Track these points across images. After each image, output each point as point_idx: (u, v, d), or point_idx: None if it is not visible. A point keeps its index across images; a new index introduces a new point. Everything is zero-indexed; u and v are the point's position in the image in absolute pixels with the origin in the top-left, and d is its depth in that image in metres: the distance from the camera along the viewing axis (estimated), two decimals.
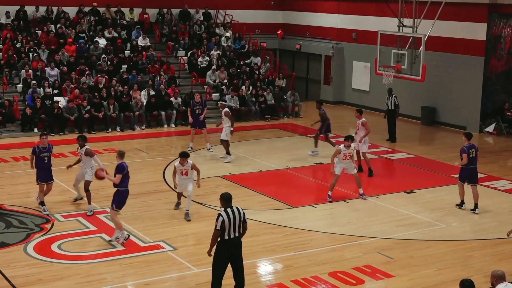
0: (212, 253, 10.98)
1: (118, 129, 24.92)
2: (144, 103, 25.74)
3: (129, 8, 31.03)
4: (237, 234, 10.70)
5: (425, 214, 16.18)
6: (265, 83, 29.46)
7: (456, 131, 26.41)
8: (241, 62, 30.28)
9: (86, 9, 30.03)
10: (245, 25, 32.94)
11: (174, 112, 26.01)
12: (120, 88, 25.86)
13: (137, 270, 12.57)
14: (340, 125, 25.44)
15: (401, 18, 23.59)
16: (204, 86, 28.26)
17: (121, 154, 13.89)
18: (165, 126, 25.82)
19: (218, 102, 24.14)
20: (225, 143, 20.74)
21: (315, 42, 33.01)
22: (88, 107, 24.53)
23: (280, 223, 15.27)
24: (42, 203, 15.66)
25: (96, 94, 25.16)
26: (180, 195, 15.95)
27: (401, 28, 23.71)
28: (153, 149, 22.61)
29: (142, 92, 26.13)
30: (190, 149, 21.81)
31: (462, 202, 16.60)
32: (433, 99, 27.48)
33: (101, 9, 30.38)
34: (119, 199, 13.80)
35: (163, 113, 25.80)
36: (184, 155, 15.26)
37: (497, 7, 25.52)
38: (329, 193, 17.06)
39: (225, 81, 28.55)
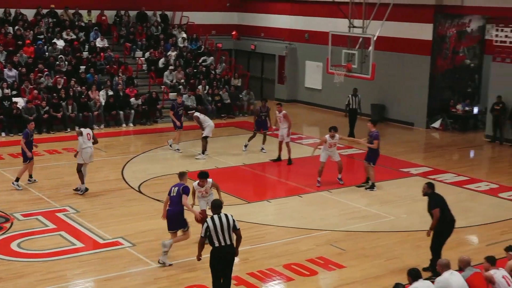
0: (202, 258, 10.70)
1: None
2: (103, 103, 25.48)
3: (87, 10, 30.67)
4: (228, 242, 10.25)
5: (375, 207, 16.37)
6: (221, 83, 29.44)
7: (405, 127, 26.82)
8: (198, 63, 30.22)
9: (44, 11, 29.56)
10: (201, 26, 32.83)
11: (132, 111, 25.82)
12: (79, 88, 25.55)
13: (97, 266, 12.46)
14: (293, 122, 25.50)
15: (351, 19, 23.79)
16: (162, 86, 28.11)
17: (181, 175, 12.89)
18: (124, 125, 25.61)
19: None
20: (203, 141, 20.77)
21: (269, 43, 33.09)
22: (47, 108, 24.17)
23: (236, 218, 15.15)
24: (18, 179, 17.20)
25: (54, 94, 24.81)
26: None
27: (351, 28, 23.89)
28: (112, 148, 22.39)
29: (101, 92, 25.87)
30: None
31: (374, 184, 17.77)
32: (382, 97, 27.79)
33: (59, 11, 29.94)
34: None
35: (121, 112, 25.58)
36: (203, 176, 13.27)
37: (443, 8, 25.91)
38: (318, 179, 17.88)
39: (182, 81, 28.44)
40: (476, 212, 16.27)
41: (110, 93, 25.93)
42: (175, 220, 12.48)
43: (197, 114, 20.99)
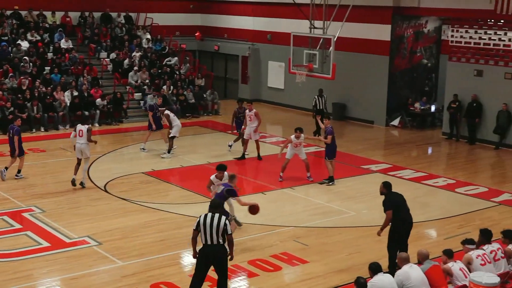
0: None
1: (42, 129, 24.29)
2: (68, 104, 25.20)
3: (51, 12, 30.27)
4: (215, 242, 10.12)
5: (337, 203, 16.48)
6: (185, 83, 29.33)
7: (365, 125, 27.04)
8: (162, 63, 30.07)
9: (8, 12, 29.10)
10: (165, 27, 32.65)
11: (98, 112, 25.57)
12: (44, 89, 25.22)
13: (63, 265, 12.31)
14: None
15: (312, 20, 23.88)
16: (127, 87, 27.90)
17: (230, 177, 13.53)
18: None
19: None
20: (172, 139, 20.71)
21: (232, 44, 33.06)
22: (12, 108, 23.80)
23: None
24: (7, 169, 17.80)
25: (19, 95, 24.45)
26: None
27: (312, 29, 23.97)
28: None
29: (66, 93, 25.57)
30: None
31: (332, 178, 18.02)
32: (343, 96, 27.97)
33: (23, 13, 29.51)
34: None
35: (86, 113, 25.31)
36: (222, 168, 13.81)
37: (400, 10, 26.18)
38: (281, 174, 18.15)
39: (147, 81, 28.26)
40: (434, 207, 16.48)
41: (75, 93, 25.64)
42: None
43: (167, 112, 20.92)
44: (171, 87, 28.37)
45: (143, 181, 18.04)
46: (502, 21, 23.26)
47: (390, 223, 11.92)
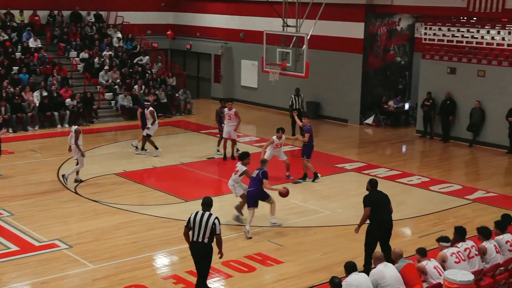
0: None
1: (10, 130, 23.98)
2: (37, 104, 24.91)
3: (19, 10, 29.91)
4: (200, 240, 10.36)
5: (312, 202, 16.50)
6: (157, 82, 29.16)
7: (339, 124, 27.12)
8: (133, 62, 29.86)
9: None
10: (136, 26, 32.45)
11: (67, 112, 25.31)
12: (12, 89, 24.91)
13: (33, 269, 12.16)
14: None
15: (285, 19, 23.88)
16: (97, 86, 27.67)
17: (261, 162, 14.69)
18: (59, 126, 25.07)
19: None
20: (149, 139, 20.78)
21: (205, 42, 32.97)
22: None
23: (175, 216, 15.14)
24: None
25: None
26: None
27: (285, 28, 23.96)
28: (47, 149, 21.91)
29: (35, 93, 25.28)
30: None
31: (316, 174, 18.17)
32: (317, 95, 28.03)
33: None
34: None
35: (56, 113, 25.05)
36: (246, 156, 14.80)
37: (373, 8, 26.30)
38: None
39: (118, 81, 28.05)
40: (408, 205, 16.56)
41: (45, 94, 25.36)
42: (254, 198, 14.10)
43: (152, 109, 20.90)
44: (143, 87, 28.20)
45: (115, 182, 17.90)
46: (474, 18, 23.50)
47: (369, 222, 11.92)
